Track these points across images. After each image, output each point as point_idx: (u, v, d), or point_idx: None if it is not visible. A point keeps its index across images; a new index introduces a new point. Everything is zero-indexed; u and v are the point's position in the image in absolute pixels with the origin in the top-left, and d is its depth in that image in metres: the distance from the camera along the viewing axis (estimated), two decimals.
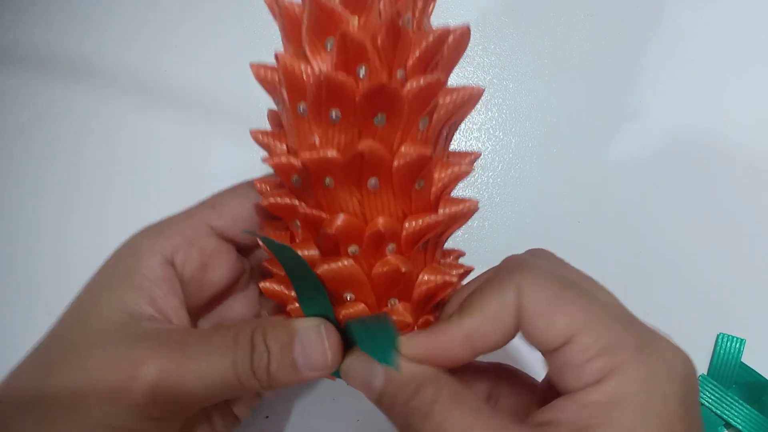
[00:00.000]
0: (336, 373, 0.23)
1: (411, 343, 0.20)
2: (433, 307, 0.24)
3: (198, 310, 0.26)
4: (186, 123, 0.37)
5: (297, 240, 0.23)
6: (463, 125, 0.36)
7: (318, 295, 0.22)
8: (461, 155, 0.24)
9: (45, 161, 0.37)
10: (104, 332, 0.22)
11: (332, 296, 0.22)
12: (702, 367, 0.31)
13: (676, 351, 0.19)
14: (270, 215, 0.24)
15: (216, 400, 0.22)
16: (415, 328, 0.23)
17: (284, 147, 0.23)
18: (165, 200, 0.27)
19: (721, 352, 0.31)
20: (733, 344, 0.31)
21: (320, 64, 0.20)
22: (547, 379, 0.22)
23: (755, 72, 0.37)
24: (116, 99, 0.37)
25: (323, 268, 0.21)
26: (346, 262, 0.21)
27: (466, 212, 0.23)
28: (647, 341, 0.19)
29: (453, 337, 0.20)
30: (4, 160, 0.37)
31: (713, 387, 0.30)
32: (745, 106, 0.36)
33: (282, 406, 0.31)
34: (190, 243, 0.24)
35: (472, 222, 0.34)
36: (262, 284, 0.24)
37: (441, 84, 0.20)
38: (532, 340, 0.19)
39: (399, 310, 0.22)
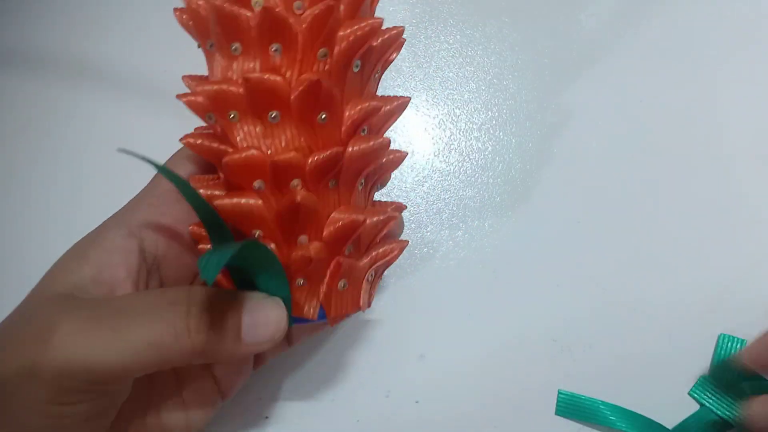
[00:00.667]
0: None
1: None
2: (354, 250, 0.23)
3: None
4: (186, 123, 0.37)
5: None
6: (463, 125, 0.36)
7: (224, 234, 0.21)
8: (387, 97, 0.24)
9: (45, 161, 0.37)
10: (36, 303, 0.21)
11: (242, 235, 0.22)
12: (703, 367, 0.31)
13: None
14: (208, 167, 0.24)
15: (141, 369, 0.19)
16: (330, 267, 0.22)
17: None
18: None
19: (722, 352, 0.31)
20: (734, 344, 0.31)
21: (214, 2, 0.20)
22: None
23: (757, 71, 0.37)
24: (116, 99, 0.37)
25: (220, 202, 0.21)
26: (248, 197, 0.21)
27: (378, 148, 0.22)
28: None
29: None
30: (4, 160, 0.37)
31: (714, 388, 0.30)
32: (747, 105, 0.36)
33: (282, 406, 0.31)
34: (160, 213, 0.23)
35: (472, 222, 0.34)
36: (191, 226, 0.23)
37: (331, 9, 0.20)
38: None
39: (306, 246, 0.21)
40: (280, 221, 0.21)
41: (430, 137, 0.36)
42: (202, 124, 0.39)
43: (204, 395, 0.25)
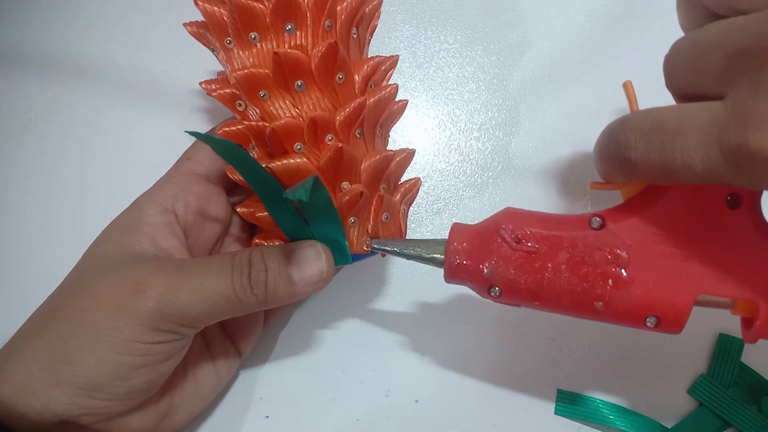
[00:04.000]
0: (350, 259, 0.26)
1: None
2: (387, 187, 0.27)
3: (202, 255, 0.29)
4: (186, 123, 0.37)
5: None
6: (463, 125, 0.36)
7: (276, 195, 0.23)
8: (381, 57, 0.28)
9: (45, 161, 0.37)
10: (109, 267, 0.24)
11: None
12: (702, 367, 0.31)
13: None
14: None
15: (217, 316, 0.24)
16: (373, 203, 0.26)
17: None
18: None
19: (721, 352, 0.31)
20: (733, 344, 0.31)
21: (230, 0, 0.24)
22: None
23: None
24: (116, 99, 0.37)
25: (274, 164, 0.24)
26: (294, 157, 0.24)
27: (388, 96, 0.26)
28: None
29: None
30: (4, 160, 0.37)
31: (713, 387, 0.30)
32: None
33: (281, 405, 0.31)
34: (186, 191, 0.27)
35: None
36: (239, 208, 0.26)
37: None
38: None
39: (350, 188, 0.25)
40: (324, 172, 0.24)
41: (430, 137, 0.36)
42: (203, 123, 0.39)
43: (226, 353, 0.29)
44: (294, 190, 0.21)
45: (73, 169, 0.36)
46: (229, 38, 0.25)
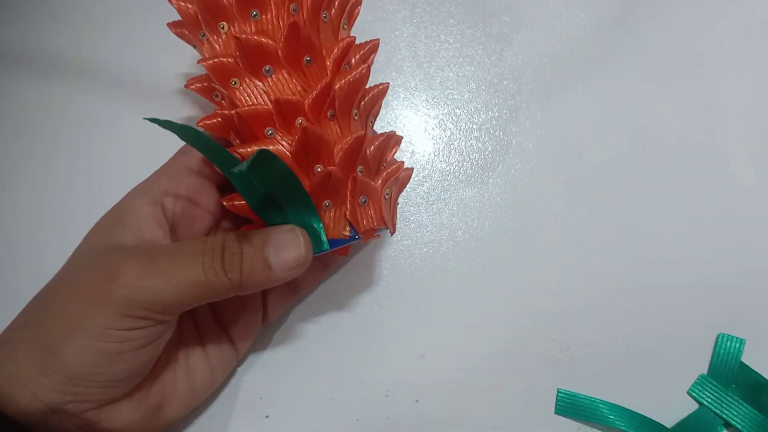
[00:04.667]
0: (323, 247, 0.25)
1: None
2: (365, 171, 0.26)
3: None
4: (180, 116, 0.37)
5: None
6: (463, 125, 0.36)
7: (246, 179, 0.23)
8: (353, 38, 0.27)
9: (45, 161, 0.37)
10: (90, 259, 0.25)
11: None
12: (702, 367, 0.31)
13: None
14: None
15: (191, 301, 0.23)
16: (348, 186, 0.25)
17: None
18: None
19: (721, 351, 0.31)
20: (733, 344, 0.31)
21: None
22: None
23: (757, 71, 0.37)
24: (116, 99, 0.37)
25: (242, 150, 0.24)
26: (263, 143, 0.24)
27: (360, 77, 0.25)
28: None
29: None
30: (4, 160, 0.37)
31: (713, 387, 0.30)
32: (747, 105, 0.36)
33: (281, 405, 0.31)
34: (176, 185, 0.27)
35: (473, 222, 0.34)
36: (223, 200, 0.26)
37: None
38: None
39: (323, 170, 0.24)
40: (295, 156, 0.24)
41: (430, 137, 0.36)
42: (194, 117, 0.39)
43: (222, 352, 0.29)
44: (243, 163, 0.20)
45: (72, 169, 0.36)
46: (203, 31, 0.25)
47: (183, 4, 0.26)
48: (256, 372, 0.32)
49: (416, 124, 0.36)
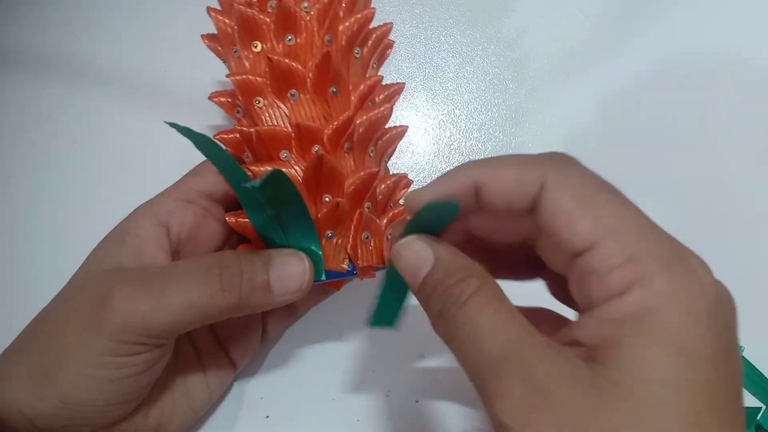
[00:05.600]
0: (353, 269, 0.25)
1: (417, 193, 0.20)
2: (372, 208, 0.26)
3: None
4: (186, 123, 0.37)
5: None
6: (463, 125, 0.36)
7: (255, 198, 0.23)
8: (381, 77, 0.27)
9: (45, 161, 0.37)
10: (85, 281, 0.24)
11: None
12: None
13: (710, 271, 0.17)
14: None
15: (187, 325, 0.22)
16: (353, 219, 0.25)
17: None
18: None
19: None
20: None
21: (238, 6, 0.24)
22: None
23: (756, 71, 0.37)
24: (116, 99, 0.37)
25: (256, 168, 0.24)
26: (278, 165, 0.24)
27: (382, 116, 0.26)
28: (680, 255, 0.17)
29: (458, 180, 0.19)
30: (4, 160, 0.37)
31: None
32: (747, 105, 0.36)
33: (282, 406, 0.31)
34: (184, 207, 0.26)
35: None
36: (227, 216, 0.26)
37: (332, 3, 0.24)
38: (552, 240, 0.18)
39: (331, 200, 0.24)
40: (306, 182, 0.24)
41: (430, 137, 0.36)
42: (202, 123, 0.39)
43: (220, 370, 0.29)
44: (254, 181, 0.20)
45: (72, 169, 0.36)
46: (236, 47, 0.25)
47: (221, 18, 0.26)
48: (256, 372, 0.32)
49: (416, 124, 0.36)
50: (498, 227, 0.21)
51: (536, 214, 0.18)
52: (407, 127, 0.29)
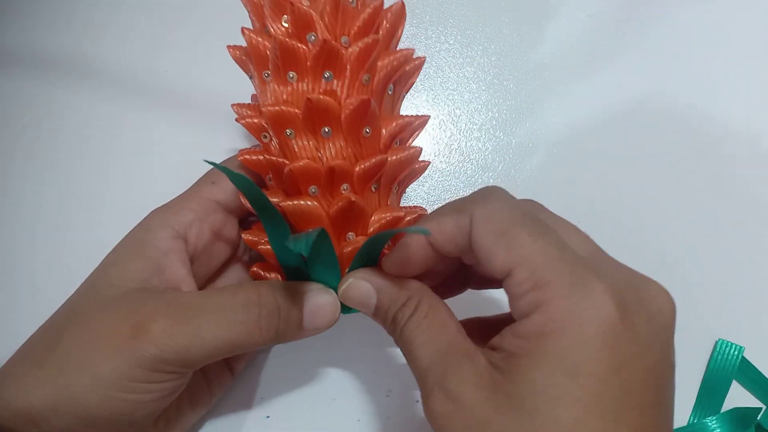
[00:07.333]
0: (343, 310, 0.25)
1: (387, 259, 0.23)
2: (393, 242, 0.26)
3: (206, 280, 0.28)
4: (186, 123, 0.37)
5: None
6: (463, 125, 0.36)
7: (281, 229, 0.23)
8: (413, 116, 0.27)
9: (45, 161, 0.37)
10: (111, 298, 0.23)
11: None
12: (700, 372, 0.31)
13: (613, 294, 0.18)
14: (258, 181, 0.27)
15: (220, 356, 0.23)
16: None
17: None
18: (165, 200, 0.27)
19: (719, 358, 0.31)
20: (732, 350, 0.31)
21: (277, 35, 0.24)
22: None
23: (757, 71, 0.37)
24: (116, 99, 0.37)
25: (285, 204, 0.24)
26: (306, 200, 0.24)
27: (411, 157, 0.26)
28: (585, 280, 0.18)
29: (415, 243, 0.22)
30: (4, 160, 0.37)
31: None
32: (747, 106, 0.36)
33: (282, 406, 0.31)
34: (201, 220, 0.26)
35: None
36: (244, 234, 0.26)
37: (376, 43, 0.24)
38: (483, 270, 0.21)
39: (355, 240, 0.25)
40: (333, 220, 0.24)
41: (430, 137, 0.36)
42: (203, 123, 0.39)
43: (221, 376, 0.29)
44: (297, 240, 0.20)
45: (72, 169, 0.36)
46: (268, 71, 0.25)
47: (259, 40, 0.25)
48: (256, 372, 0.32)
49: None
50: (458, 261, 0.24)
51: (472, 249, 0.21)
52: (429, 163, 0.29)
